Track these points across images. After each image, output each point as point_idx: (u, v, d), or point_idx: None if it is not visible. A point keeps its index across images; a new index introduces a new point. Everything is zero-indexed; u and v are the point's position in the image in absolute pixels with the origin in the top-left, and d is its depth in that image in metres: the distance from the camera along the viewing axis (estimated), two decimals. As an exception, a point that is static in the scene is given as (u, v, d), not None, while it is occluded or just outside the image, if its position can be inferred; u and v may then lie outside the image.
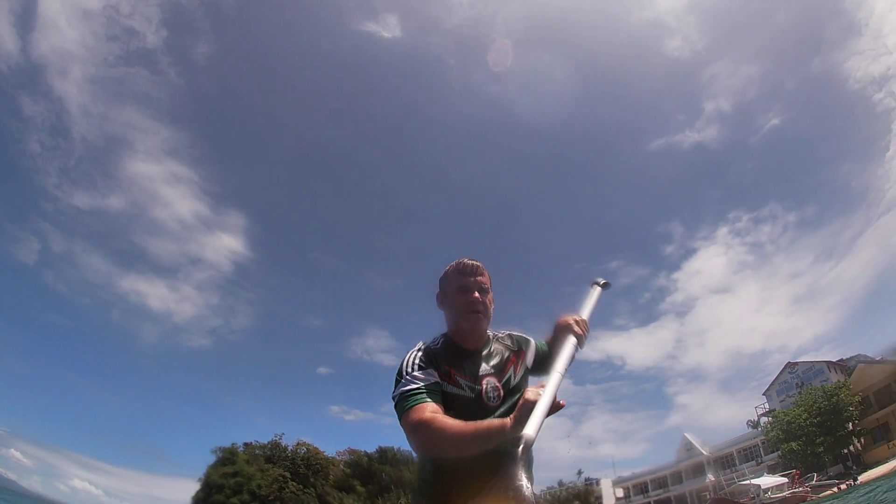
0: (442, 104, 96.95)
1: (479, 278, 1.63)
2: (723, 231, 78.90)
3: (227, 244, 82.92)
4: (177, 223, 79.97)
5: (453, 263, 1.68)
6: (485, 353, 1.64)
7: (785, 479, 27.34)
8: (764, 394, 37.65)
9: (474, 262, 1.66)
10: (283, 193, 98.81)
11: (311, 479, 38.14)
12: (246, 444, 40.11)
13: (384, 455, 38.53)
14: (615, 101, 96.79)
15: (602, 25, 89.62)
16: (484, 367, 1.58)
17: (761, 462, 32.82)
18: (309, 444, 39.22)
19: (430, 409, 1.36)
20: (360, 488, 36.90)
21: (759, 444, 33.84)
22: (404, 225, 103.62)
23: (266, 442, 40.51)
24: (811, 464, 30.76)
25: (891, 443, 30.64)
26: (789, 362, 36.91)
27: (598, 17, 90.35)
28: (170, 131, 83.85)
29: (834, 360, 36.12)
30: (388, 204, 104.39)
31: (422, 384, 1.44)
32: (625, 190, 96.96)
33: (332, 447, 44.84)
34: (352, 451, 39.29)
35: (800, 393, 32.74)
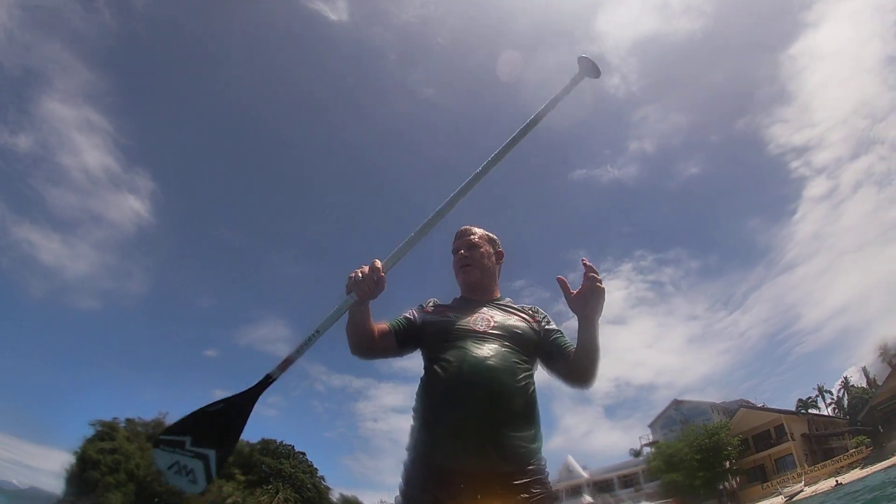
0: (375, 97, 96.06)
1: (466, 238, 1.80)
2: (627, 266, 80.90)
3: (132, 205, 76.77)
4: (83, 174, 72.14)
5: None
6: (491, 303, 1.71)
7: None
8: (649, 426, 38.58)
9: (465, 227, 1.83)
10: (199, 161, 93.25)
11: (192, 464, 36.36)
12: (128, 420, 37.84)
13: (266, 447, 37.29)
14: (546, 124, 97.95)
15: (545, 47, 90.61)
16: (481, 308, 1.65)
17: (640, 489, 33.36)
18: (193, 427, 37.43)
19: (379, 326, 1.58)
20: (239, 476, 35.45)
21: (640, 473, 34.50)
22: (317, 212, 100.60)
23: (149, 419, 38.33)
24: (689, 495, 31.45)
25: (765, 484, 31.77)
26: (676, 399, 38.04)
27: (542, 38, 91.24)
28: (92, 74, 76.94)
29: (718, 402, 37.26)
30: (304, 188, 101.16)
31: (406, 315, 1.68)
32: (539, 212, 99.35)
33: None
34: (235, 439, 37.73)
35: (683, 429, 33.46)
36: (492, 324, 1.56)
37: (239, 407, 1.37)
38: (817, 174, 73.65)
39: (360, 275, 1.43)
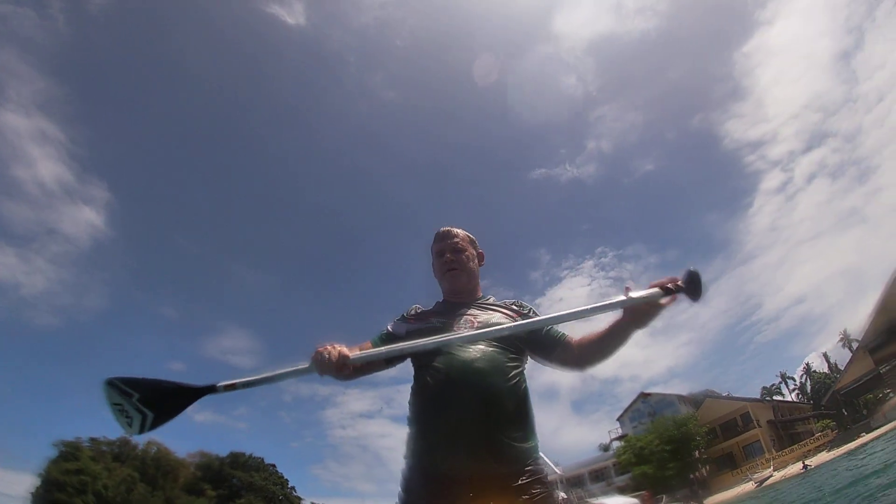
0: (336, 101, 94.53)
1: (450, 241, 1.77)
2: (589, 263, 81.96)
3: (87, 217, 72.32)
4: (37, 187, 68.06)
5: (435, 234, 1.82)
6: (474, 303, 1.67)
7: (635, 500, 27.95)
8: (618, 419, 38.95)
9: (445, 229, 1.80)
10: (155, 169, 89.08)
11: (161, 482, 35.65)
12: (92, 440, 36.84)
13: (236, 460, 36.75)
14: (505, 123, 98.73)
15: (502, 49, 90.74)
16: (465, 310, 1.62)
17: (612, 483, 33.62)
18: (160, 444, 36.66)
19: (361, 346, 1.54)
20: (210, 492, 34.92)
21: (611, 466, 34.75)
22: (277, 219, 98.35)
23: (115, 439, 37.41)
24: (660, 486, 31.70)
25: (734, 471, 32.27)
26: (643, 392, 38.56)
27: (500, 40, 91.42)
28: (46, 83, 71.68)
29: (684, 394, 37.74)
30: (264, 195, 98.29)
31: (391, 329, 1.66)
32: (500, 211, 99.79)
33: (180, 448, 41.97)
34: (203, 454, 37.25)
35: (652, 421, 33.73)
36: (475, 325, 1.55)
37: (182, 396, 1.46)
38: (772, 167, 75.55)
39: (327, 358, 1.32)
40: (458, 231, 1.81)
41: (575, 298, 76.93)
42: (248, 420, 72.25)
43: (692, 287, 1.31)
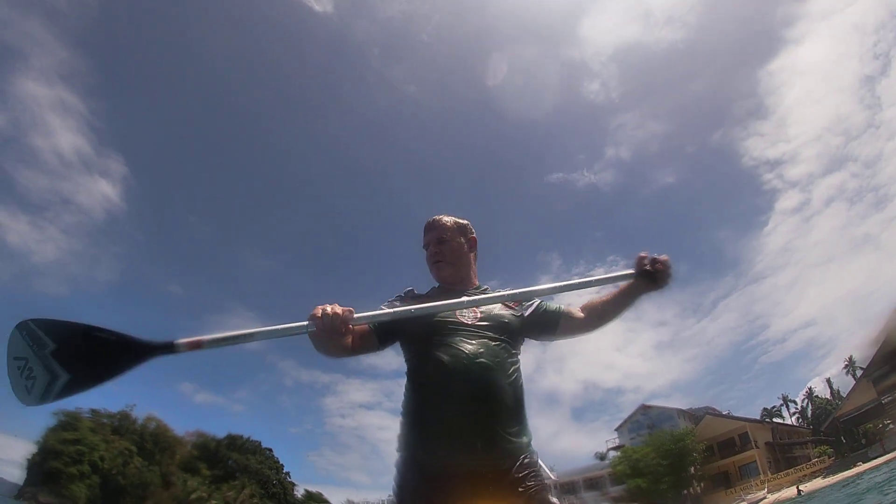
0: (356, 91, 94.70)
1: (434, 233, 1.74)
2: (599, 271, 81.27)
3: (103, 189, 72.51)
4: (55, 156, 67.80)
5: None
6: (472, 293, 1.67)
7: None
8: (616, 429, 38.95)
9: (431, 219, 1.76)
10: (173, 147, 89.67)
11: (157, 457, 35.87)
12: (93, 411, 37.06)
13: (233, 442, 36.93)
14: (525, 125, 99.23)
15: (529, 50, 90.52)
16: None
17: (606, 493, 33.65)
18: (159, 420, 36.87)
19: (357, 327, 1.44)
20: (205, 471, 35.10)
21: (606, 476, 34.72)
22: (291, 205, 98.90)
23: (115, 411, 37.63)
24: (654, 500, 31.73)
25: (728, 490, 32.19)
26: (644, 404, 38.44)
27: (526, 42, 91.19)
28: (69, 53, 73.49)
29: (684, 409, 37.70)
30: (279, 180, 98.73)
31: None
32: (515, 212, 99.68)
33: (179, 426, 41.90)
34: (200, 434, 37.40)
35: (650, 434, 33.73)
36: (479, 315, 1.54)
37: (124, 354, 1.15)
38: (790, 187, 75.35)
39: (327, 314, 1.22)
40: (446, 220, 1.77)
41: (580, 305, 77.12)
42: (247, 403, 72.54)
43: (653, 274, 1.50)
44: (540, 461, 1.47)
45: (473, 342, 1.45)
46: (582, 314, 1.67)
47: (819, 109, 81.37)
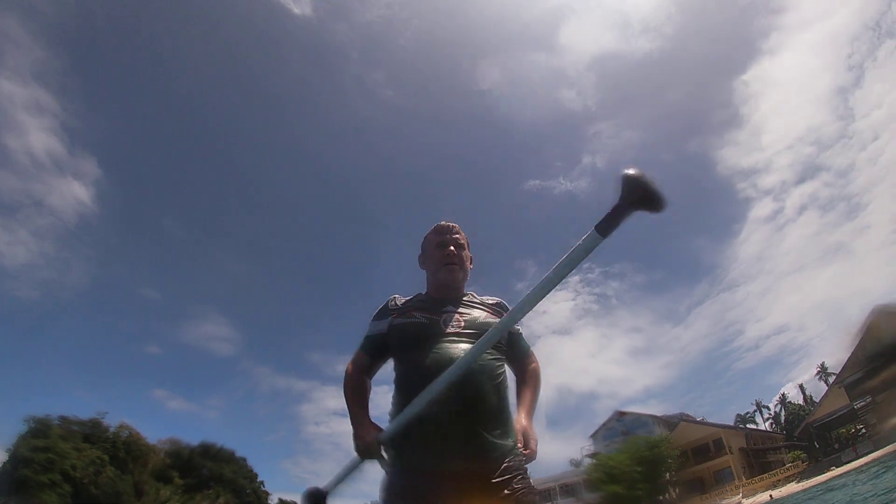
0: (334, 94, 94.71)
1: (455, 235, 1.73)
2: (574, 279, 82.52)
3: (75, 192, 72.06)
4: (27, 157, 66.78)
5: (433, 227, 1.78)
6: (457, 300, 1.66)
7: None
8: (591, 436, 39.00)
9: (449, 223, 1.77)
10: (147, 149, 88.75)
11: (130, 466, 35.33)
12: (62, 418, 36.45)
13: (207, 450, 36.47)
14: (502, 132, 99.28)
15: (506, 56, 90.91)
16: (449, 307, 1.61)
17: (581, 499, 33.68)
18: (132, 429, 36.31)
19: (358, 362, 1.64)
20: (178, 480, 34.62)
21: (581, 483, 34.73)
22: (266, 210, 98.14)
23: (86, 419, 37.02)
24: (630, 506, 31.74)
25: (704, 496, 32.34)
26: (619, 411, 38.50)
27: (505, 49, 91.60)
28: (45, 52, 71.63)
29: (659, 415, 37.82)
30: (254, 183, 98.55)
31: (371, 333, 1.65)
32: (491, 219, 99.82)
33: (152, 433, 41.07)
34: (174, 442, 36.93)
35: (625, 440, 33.80)
36: (462, 323, 1.55)
37: None
38: (763, 196, 76.79)
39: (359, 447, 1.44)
40: (461, 229, 1.78)
41: (558, 312, 76.97)
42: (221, 410, 71.85)
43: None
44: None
45: (457, 347, 1.46)
46: (519, 376, 1.71)
47: (793, 119, 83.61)
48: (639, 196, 1.11)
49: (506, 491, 1.33)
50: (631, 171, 1.11)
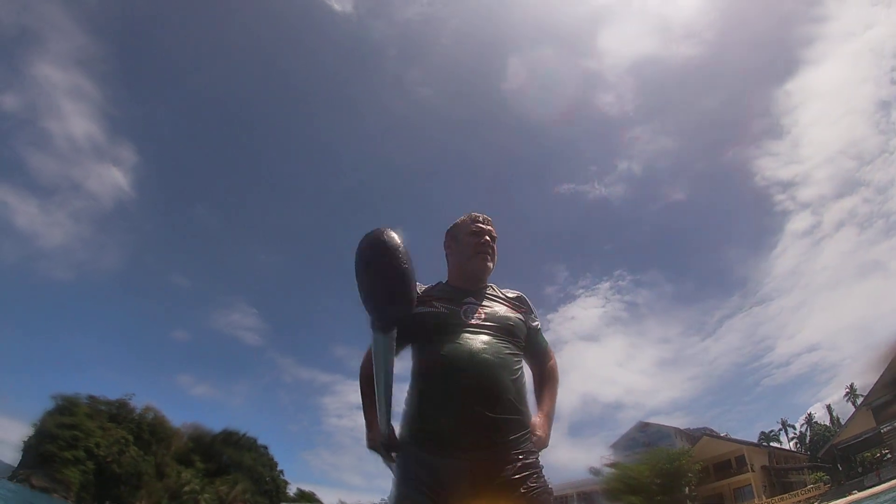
0: (370, 91, 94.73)
1: (490, 228, 1.72)
2: (605, 285, 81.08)
3: (113, 177, 73.26)
4: (67, 141, 68.54)
5: (465, 215, 1.76)
6: (478, 292, 1.65)
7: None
8: (612, 446, 38.74)
9: (483, 215, 1.74)
10: (186, 139, 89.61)
11: (154, 447, 35.95)
12: (91, 397, 37.25)
13: (228, 437, 37.01)
14: (538, 134, 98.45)
15: (545, 59, 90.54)
16: (470, 299, 1.60)
17: (599, 508, 33.50)
18: (157, 411, 37.00)
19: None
20: (199, 464, 35.15)
21: (599, 491, 34.55)
22: (299, 203, 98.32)
23: (114, 399, 37.77)
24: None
25: (722, 512, 31.97)
26: (642, 422, 38.11)
27: (543, 51, 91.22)
28: (87, 39, 74.10)
29: (682, 428, 37.52)
30: (289, 177, 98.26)
31: None
32: (523, 222, 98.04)
33: (177, 417, 41.58)
34: (197, 427, 37.50)
35: (645, 452, 33.58)
36: (483, 315, 1.54)
37: None
38: (801, 209, 74.34)
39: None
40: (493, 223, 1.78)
41: (587, 319, 76.34)
42: (245, 397, 72.60)
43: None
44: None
45: (477, 339, 1.45)
46: (536, 375, 1.71)
47: (833, 132, 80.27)
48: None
49: (521, 489, 1.32)
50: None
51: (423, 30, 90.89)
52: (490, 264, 1.68)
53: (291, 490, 40.33)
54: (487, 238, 1.69)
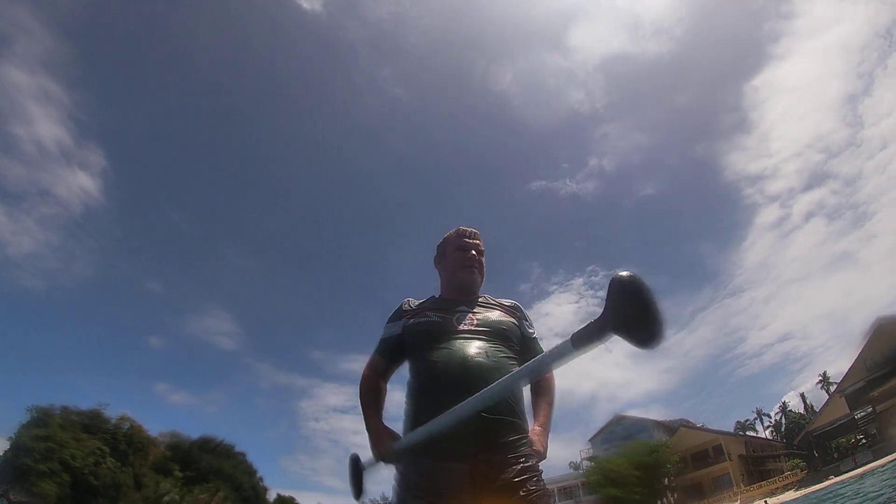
0: (343, 91, 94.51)
1: (477, 241, 1.78)
2: (578, 281, 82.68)
3: (82, 182, 72.61)
4: (34, 146, 66.78)
5: (454, 230, 1.81)
6: (471, 302, 1.68)
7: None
8: (590, 440, 39.00)
9: (471, 229, 1.80)
10: (155, 142, 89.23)
11: (131, 458, 35.41)
12: (63, 408, 36.54)
13: (206, 444, 36.59)
14: (509, 132, 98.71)
15: (514, 56, 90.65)
16: (462, 307, 1.63)
17: (580, 501, 33.68)
18: (133, 421, 36.39)
19: (374, 365, 1.67)
20: (177, 473, 34.69)
21: (580, 486, 34.79)
22: (272, 206, 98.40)
23: (86, 409, 37.07)
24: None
25: (702, 501, 32.31)
26: (619, 415, 38.48)
27: (514, 49, 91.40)
28: (55, 42, 71.64)
29: (660, 420, 37.89)
30: (261, 179, 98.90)
31: (386, 335, 1.67)
32: (495, 219, 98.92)
33: (152, 426, 41.25)
34: (174, 435, 37.00)
35: (624, 444, 33.85)
36: (475, 321, 1.56)
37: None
38: (770, 202, 76.33)
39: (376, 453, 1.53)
40: (480, 236, 1.83)
41: (561, 315, 76.71)
42: (221, 404, 72.03)
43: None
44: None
45: (471, 345, 1.47)
46: (536, 384, 1.70)
47: (802, 126, 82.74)
48: (624, 323, 0.86)
49: (521, 492, 1.32)
50: (626, 279, 0.89)
51: (395, 29, 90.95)
52: (477, 277, 1.73)
53: (271, 496, 40.25)
54: (474, 252, 1.74)
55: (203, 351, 74.38)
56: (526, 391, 1.67)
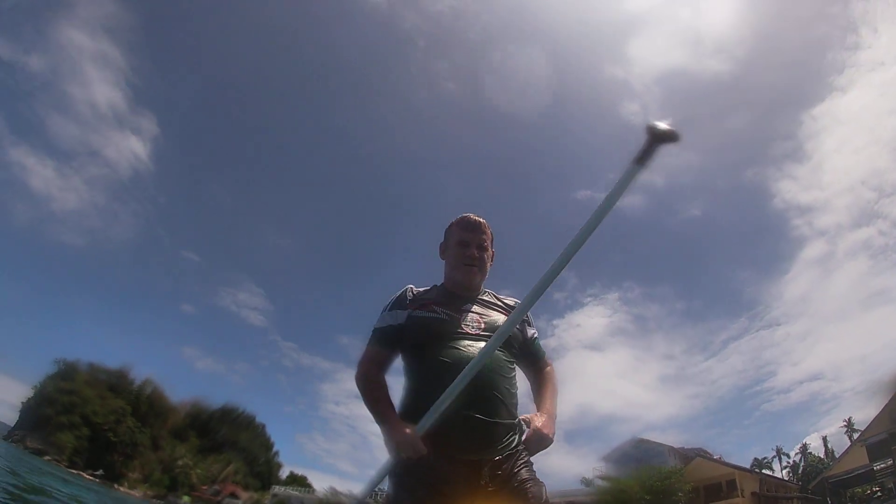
0: (395, 81, 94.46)
1: (480, 236, 1.69)
2: (614, 295, 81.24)
3: (132, 146, 74.71)
4: (88, 107, 70.71)
5: (458, 217, 1.73)
6: (476, 299, 1.66)
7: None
8: (603, 458, 38.81)
9: (478, 220, 1.71)
10: (207, 115, 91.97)
11: (151, 420, 36.20)
12: (91, 365, 37.53)
13: (227, 414, 37.24)
14: (560, 139, 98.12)
15: (574, 64, 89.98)
16: (468, 305, 1.61)
17: (586, 520, 33.56)
18: (157, 385, 37.17)
19: (375, 358, 1.58)
20: (195, 439, 35.37)
21: (589, 502, 34.65)
22: (314, 190, 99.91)
23: (113, 368, 38.01)
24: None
25: (708, 534, 32.05)
26: (637, 437, 38.21)
27: (571, 53, 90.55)
28: (116, 7, 75.75)
29: (676, 447, 37.59)
30: (305, 160, 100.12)
31: (386, 325, 1.59)
32: (538, 224, 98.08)
33: (175, 390, 41.83)
34: (196, 403, 37.64)
35: (638, 467, 33.70)
36: (482, 325, 1.56)
37: None
38: (817, 236, 73.62)
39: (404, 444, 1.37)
40: (487, 226, 1.72)
41: (592, 328, 75.95)
42: (246, 375, 72.94)
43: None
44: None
45: (475, 347, 1.47)
46: (537, 377, 1.71)
47: (856, 161, 79.05)
48: (662, 134, 1.36)
49: (520, 493, 1.35)
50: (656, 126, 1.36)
51: (453, 23, 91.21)
52: (476, 277, 1.68)
53: (284, 472, 40.64)
54: (474, 250, 1.66)
55: (232, 323, 75.78)
56: (527, 386, 1.70)
